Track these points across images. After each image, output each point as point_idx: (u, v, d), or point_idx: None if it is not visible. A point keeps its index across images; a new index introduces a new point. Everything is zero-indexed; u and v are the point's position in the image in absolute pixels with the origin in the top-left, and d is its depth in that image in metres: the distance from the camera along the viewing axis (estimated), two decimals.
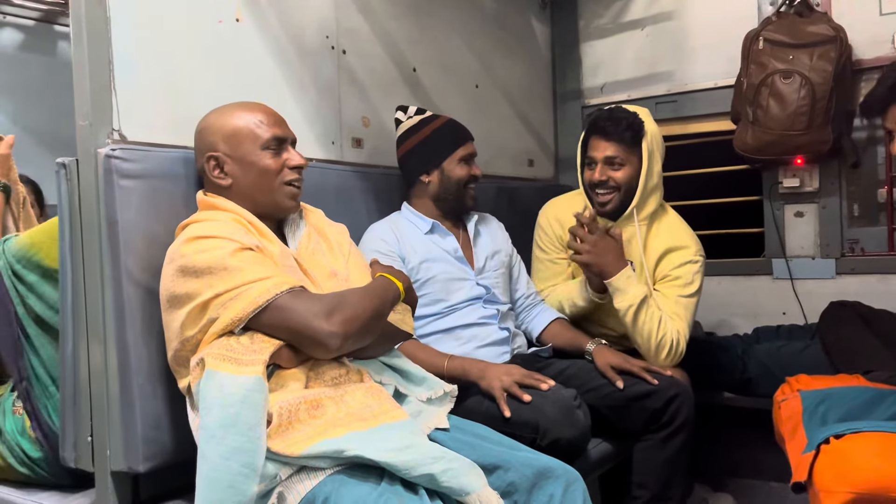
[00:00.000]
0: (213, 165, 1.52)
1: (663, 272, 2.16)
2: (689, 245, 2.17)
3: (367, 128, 2.26)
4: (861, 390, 1.66)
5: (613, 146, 2.12)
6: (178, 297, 1.37)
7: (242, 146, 1.52)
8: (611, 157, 2.13)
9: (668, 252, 2.16)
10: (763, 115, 2.45)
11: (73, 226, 1.53)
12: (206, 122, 1.56)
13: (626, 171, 2.14)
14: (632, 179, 2.14)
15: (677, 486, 1.88)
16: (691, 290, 2.12)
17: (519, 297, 2.23)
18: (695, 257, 2.15)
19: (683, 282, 2.13)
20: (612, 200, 2.16)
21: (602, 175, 2.14)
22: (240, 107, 1.57)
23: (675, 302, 2.11)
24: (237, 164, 1.52)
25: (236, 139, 1.52)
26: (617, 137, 2.12)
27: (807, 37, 2.43)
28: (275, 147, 1.54)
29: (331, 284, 1.52)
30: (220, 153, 1.51)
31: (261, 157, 1.52)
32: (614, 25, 3.06)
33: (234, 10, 1.84)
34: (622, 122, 2.12)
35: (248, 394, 1.26)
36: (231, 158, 1.52)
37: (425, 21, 2.50)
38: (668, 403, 1.85)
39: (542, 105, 3.15)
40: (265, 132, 1.53)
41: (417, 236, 2.03)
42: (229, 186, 1.52)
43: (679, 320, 2.07)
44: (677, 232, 2.20)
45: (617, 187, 2.14)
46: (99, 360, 1.51)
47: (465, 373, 1.80)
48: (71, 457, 1.58)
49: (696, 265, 2.15)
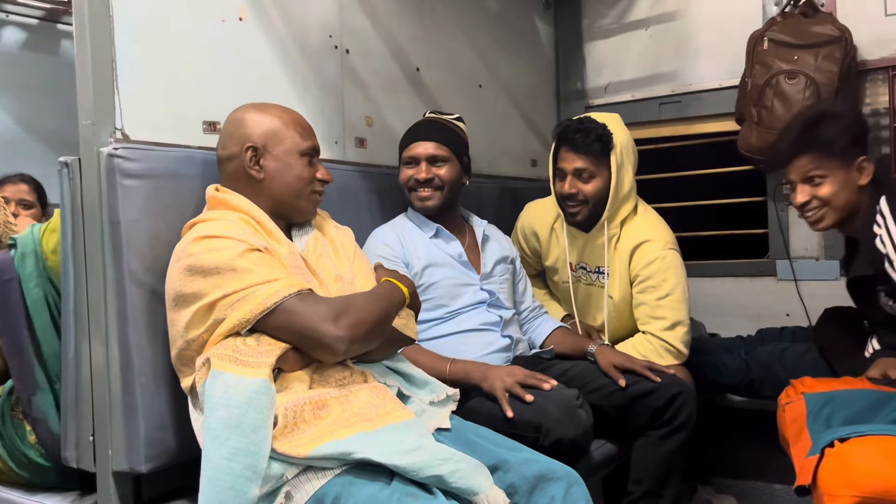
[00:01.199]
0: (251, 156, 1.52)
1: (635, 271, 2.17)
2: (653, 238, 2.16)
3: (370, 127, 2.26)
4: (865, 393, 1.66)
5: (582, 159, 2.11)
6: (185, 296, 1.37)
7: (283, 146, 1.55)
8: (580, 170, 2.12)
9: (637, 248, 2.17)
10: (768, 116, 2.43)
11: (75, 225, 1.53)
12: (246, 113, 1.57)
13: (596, 183, 2.13)
14: (601, 191, 2.14)
15: (672, 485, 1.88)
16: (666, 290, 2.12)
17: (524, 309, 2.23)
18: (661, 252, 2.14)
19: (656, 282, 2.13)
20: (582, 212, 2.17)
21: (571, 188, 2.14)
22: (279, 108, 1.60)
23: (654, 307, 2.13)
24: (275, 161, 1.54)
25: (278, 138, 1.55)
26: (585, 150, 2.11)
27: (812, 37, 2.42)
28: (310, 157, 1.58)
29: (336, 288, 1.53)
30: (258, 145, 1.53)
31: (298, 162, 1.56)
32: (618, 25, 3.05)
33: (237, 9, 1.84)
34: (591, 133, 2.10)
35: (254, 395, 1.26)
36: (270, 154, 1.54)
37: (429, 21, 2.49)
38: (671, 402, 1.85)
39: (546, 105, 3.14)
40: (305, 141, 1.57)
41: (422, 240, 2.02)
42: (260, 181, 1.53)
43: (660, 321, 2.10)
44: (644, 227, 2.20)
45: (585, 200, 2.14)
46: (101, 359, 1.50)
47: (468, 375, 1.80)
48: (72, 457, 1.57)
49: (665, 261, 2.13)
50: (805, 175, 1.83)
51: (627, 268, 2.18)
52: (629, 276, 2.19)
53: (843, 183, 1.80)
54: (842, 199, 1.81)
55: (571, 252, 2.28)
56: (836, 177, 1.80)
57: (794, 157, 1.83)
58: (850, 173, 1.81)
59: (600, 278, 2.25)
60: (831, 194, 1.81)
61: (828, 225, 1.86)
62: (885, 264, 1.68)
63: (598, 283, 2.26)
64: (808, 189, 1.83)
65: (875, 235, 1.71)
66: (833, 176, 1.80)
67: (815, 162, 1.80)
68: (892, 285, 1.68)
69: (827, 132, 1.80)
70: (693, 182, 2.91)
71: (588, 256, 2.26)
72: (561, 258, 2.32)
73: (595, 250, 2.24)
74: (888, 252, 1.67)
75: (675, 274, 2.13)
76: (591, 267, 2.27)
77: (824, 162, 1.80)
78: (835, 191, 1.81)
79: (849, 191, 1.81)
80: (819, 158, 1.80)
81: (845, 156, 1.80)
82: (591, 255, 2.26)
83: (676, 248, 2.18)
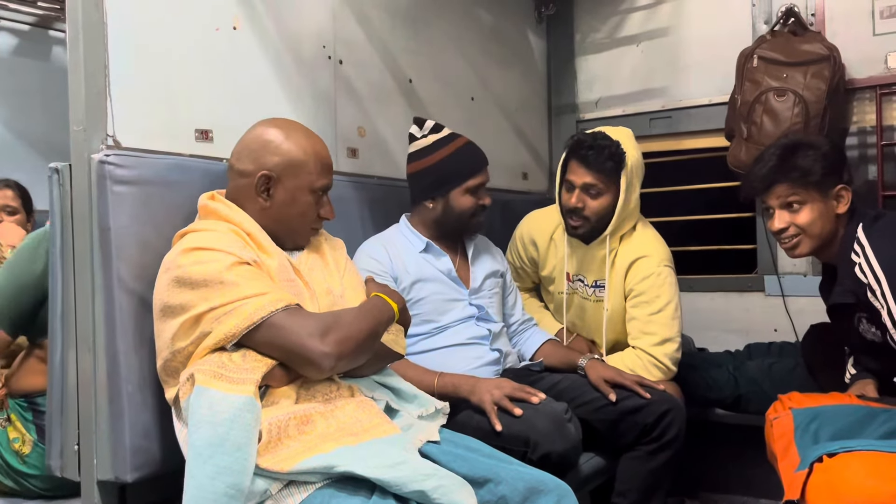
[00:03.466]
0: (263, 182, 1.49)
1: (630, 286, 2.17)
2: (650, 254, 2.17)
3: (362, 138, 2.26)
4: (852, 409, 1.66)
5: (592, 175, 2.11)
6: (172, 308, 1.35)
7: (297, 180, 1.51)
8: (588, 185, 2.12)
9: (633, 263, 2.17)
10: (757, 132, 2.45)
11: (64, 232, 1.51)
12: (272, 137, 1.52)
13: (603, 200, 2.13)
14: (607, 208, 2.14)
15: (657, 500, 1.88)
16: (660, 305, 2.12)
17: (514, 321, 2.22)
18: (657, 268, 2.15)
19: (649, 297, 2.13)
20: (583, 227, 2.17)
21: (578, 202, 2.13)
22: (307, 137, 1.55)
23: (646, 322, 2.13)
24: (284, 193, 1.51)
25: (295, 171, 1.51)
26: (597, 167, 2.10)
27: (801, 55, 2.44)
28: (320, 194, 1.55)
29: (326, 302, 1.51)
30: (274, 175, 1.49)
31: (307, 199, 1.53)
32: (610, 40, 3.07)
33: (231, 18, 1.84)
34: (604, 151, 2.10)
35: (239, 413, 1.25)
36: (282, 186, 1.50)
37: (422, 33, 2.50)
38: (661, 418, 1.85)
39: (538, 118, 3.16)
40: (321, 179, 1.54)
41: (411, 255, 2.00)
42: (265, 205, 1.50)
43: (650, 336, 2.10)
44: (643, 243, 2.20)
45: (588, 217, 2.14)
46: (88, 367, 1.49)
47: (456, 389, 1.79)
48: (57, 465, 1.55)
49: (661, 277, 2.14)
50: (784, 201, 1.82)
51: (623, 282, 2.19)
52: (624, 291, 2.19)
53: (821, 211, 1.80)
54: (818, 228, 1.80)
55: (570, 263, 2.28)
56: (815, 204, 1.80)
57: (772, 184, 1.83)
58: (828, 202, 1.80)
59: (596, 292, 2.25)
60: (809, 222, 1.80)
61: (804, 252, 1.85)
62: (867, 293, 1.68)
63: (592, 298, 2.26)
64: (787, 216, 1.82)
65: (854, 264, 1.71)
66: (811, 203, 1.80)
67: (793, 189, 1.80)
68: (873, 313, 1.68)
69: (804, 161, 1.80)
70: (682, 197, 2.92)
71: (586, 269, 2.26)
72: (558, 268, 2.32)
73: (594, 263, 2.24)
74: (869, 281, 1.67)
75: (669, 291, 2.14)
76: (587, 280, 2.27)
77: (801, 189, 1.80)
78: (812, 218, 1.80)
79: (826, 219, 1.80)
80: (796, 186, 1.80)
81: (823, 184, 1.79)
82: (589, 268, 2.26)
83: (672, 266, 2.19)
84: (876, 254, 1.68)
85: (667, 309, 2.12)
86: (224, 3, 1.83)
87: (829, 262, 1.91)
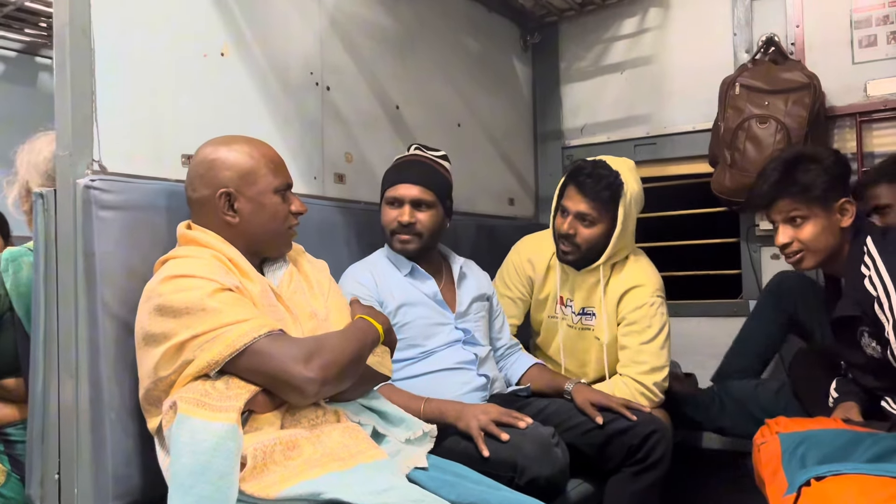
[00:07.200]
0: (225, 202, 1.49)
1: (622, 314, 2.18)
2: (644, 283, 2.18)
3: (349, 163, 2.27)
4: (839, 433, 1.66)
5: (588, 204, 2.11)
6: (154, 336, 1.34)
7: (256, 186, 1.50)
8: (583, 214, 2.13)
9: (626, 292, 2.18)
10: (740, 159, 2.49)
11: (48, 257, 1.50)
12: (217, 155, 1.51)
13: (596, 230, 2.14)
14: (599, 237, 2.14)
15: None
16: (651, 334, 2.13)
17: (501, 346, 2.22)
18: (650, 298, 2.16)
19: (641, 327, 2.14)
20: (573, 254, 2.18)
21: (570, 228, 2.14)
22: (247, 143, 1.54)
23: (637, 351, 2.13)
24: (249, 204, 1.50)
25: (250, 179, 1.50)
26: (593, 195, 2.11)
27: (782, 83, 2.49)
28: (283, 192, 1.55)
29: (310, 325, 1.51)
30: (232, 190, 1.49)
31: (272, 200, 1.52)
32: (595, 68, 3.11)
33: (219, 44, 1.85)
34: (602, 180, 2.10)
35: (221, 441, 1.23)
36: (244, 197, 1.49)
37: (409, 60, 2.52)
38: (646, 439, 1.84)
39: (523, 145, 3.18)
40: (277, 178, 1.53)
41: (396, 279, 2.00)
42: (235, 224, 1.49)
43: (640, 365, 2.11)
44: (636, 272, 2.21)
45: (579, 245, 2.15)
46: (70, 394, 1.47)
47: (443, 415, 1.78)
48: (37, 495, 1.52)
49: (653, 307, 2.15)
50: (786, 216, 1.81)
51: (615, 310, 2.19)
52: (616, 319, 2.19)
53: (825, 225, 1.79)
54: (822, 242, 1.79)
55: (563, 287, 2.29)
56: (818, 219, 1.79)
57: (774, 200, 1.82)
58: (831, 216, 1.79)
59: (583, 319, 2.25)
60: (812, 237, 1.79)
61: (809, 266, 1.84)
62: (874, 306, 1.66)
63: (578, 325, 2.26)
64: (790, 231, 1.81)
65: (864, 276, 1.70)
66: (815, 218, 1.79)
67: (794, 204, 1.79)
68: (878, 326, 1.68)
69: (805, 176, 1.79)
70: (667, 223, 2.94)
71: (577, 295, 2.26)
72: (552, 293, 2.32)
73: (584, 290, 2.24)
74: (878, 294, 1.66)
75: (661, 321, 2.15)
76: (575, 307, 2.27)
77: (803, 205, 1.79)
78: (816, 233, 1.79)
79: (830, 233, 1.79)
80: (798, 201, 1.79)
81: (825, 199, 1.78)
82: (579, 295, 2.26)
83: (664, 296, 2.20)
84: (887, 266, 1.68)
85: (658, 338, 2.13)
86: (212, 29, 1.84)
87: (833, 275, 1.90)
